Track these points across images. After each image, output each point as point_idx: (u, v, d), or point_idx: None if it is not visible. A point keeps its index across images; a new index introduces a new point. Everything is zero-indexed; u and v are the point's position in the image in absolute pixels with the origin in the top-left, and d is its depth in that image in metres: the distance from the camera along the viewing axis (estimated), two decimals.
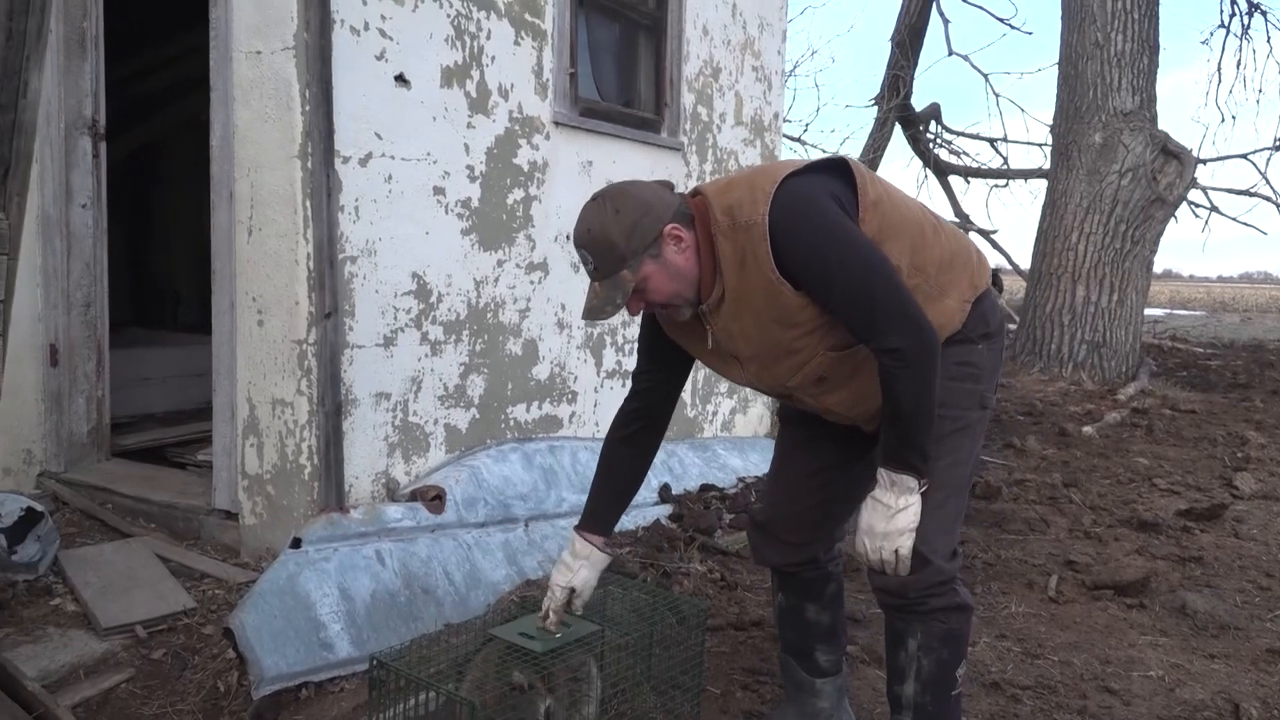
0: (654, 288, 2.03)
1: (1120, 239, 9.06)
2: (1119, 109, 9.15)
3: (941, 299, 2.12)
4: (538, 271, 4.23)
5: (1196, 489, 5.32)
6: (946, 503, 2.11)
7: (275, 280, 3.31)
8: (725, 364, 2.23)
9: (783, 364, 2.11)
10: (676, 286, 2.04)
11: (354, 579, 3.00)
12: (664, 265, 2.01)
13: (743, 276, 2.01)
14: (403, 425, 3.62)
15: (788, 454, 2.47)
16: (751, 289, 2.01)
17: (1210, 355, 12.07)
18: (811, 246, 1.95)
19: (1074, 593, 3.74)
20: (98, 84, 3.97)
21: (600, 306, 2.03)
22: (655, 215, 2.00)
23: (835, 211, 1.97)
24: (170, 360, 5.24)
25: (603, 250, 1.99)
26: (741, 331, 2.09)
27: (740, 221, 1.99)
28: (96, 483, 3.86)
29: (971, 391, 2.17)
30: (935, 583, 2.07)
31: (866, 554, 2.06)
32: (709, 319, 2.11)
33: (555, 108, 4.26)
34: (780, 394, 2.25)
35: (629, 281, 2.00)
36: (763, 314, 2.03)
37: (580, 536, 2.34)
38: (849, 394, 2.14)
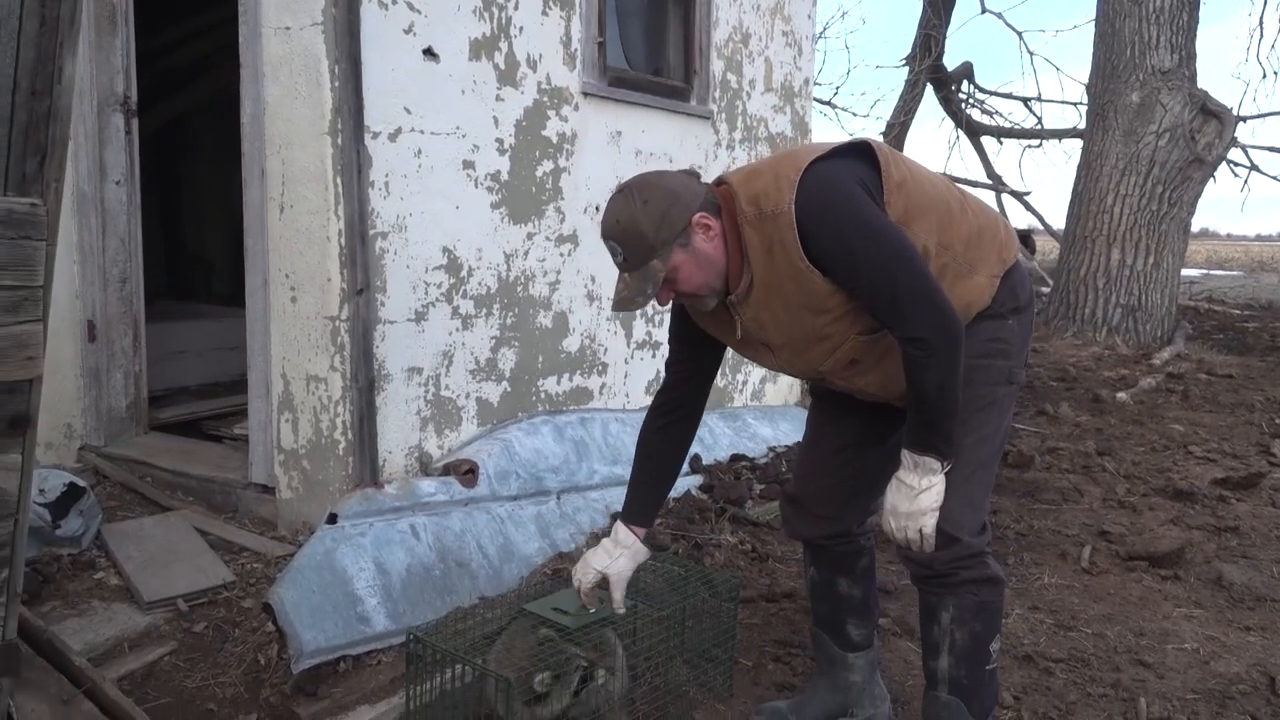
0: (683, 277, 2.03)
1: (1157, 201, 8.89)
2: (1157, 67, 8.95)
3: (971, 276, 2.11)
4: (567, 244, 4.22)
5: (1233, 456, 5.26)
6: (973, 478, 2.11)
7: (307, 257, 3.33)
8: (756, 351, 2.23)
9: (814, 350, 2.11)
10: (705, 276, 2.04)
11: (389, 553, 3.04)
12: (693, 254, 2.01)
13: (771, 265, 2.01)
14: (435, 400, 3.65)
15: (820, 427, 2.48)
16: (780, 277, 2.01)
17: (1248, 317, 11.88)
18: (837, 234, 1.94)
19: (1108, 564, 3.72)
20: (129, 60, 3.99)
21: (630, 297, 2.03)
22: (684, 204, 1.99)
23: (861, 197, 1.96)
24: (205, 333, 5.30)
25: (632, 241, 1.99)
26: (771, 320, 2.09)
27: (766, 210, 1.98)
28: (136, 456, 3.93)
29: (1001, 368, 2.16)
30: (963, 556, 2.08)
31: (892, 533, 2.09)
32: (737, 309, 2.11)
33: (584, 78, 4.23)
34: (812, 378, 2.25)
35: (659, 271, 2.00)
36: (792, 301, 2.03)
37: (625, 527, 2.37)
38: (881, 375, 2.14)
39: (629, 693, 2.47)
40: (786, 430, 5.32)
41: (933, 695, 2.18)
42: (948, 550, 2.06)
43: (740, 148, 5.32)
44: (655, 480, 2.41)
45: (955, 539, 2.05)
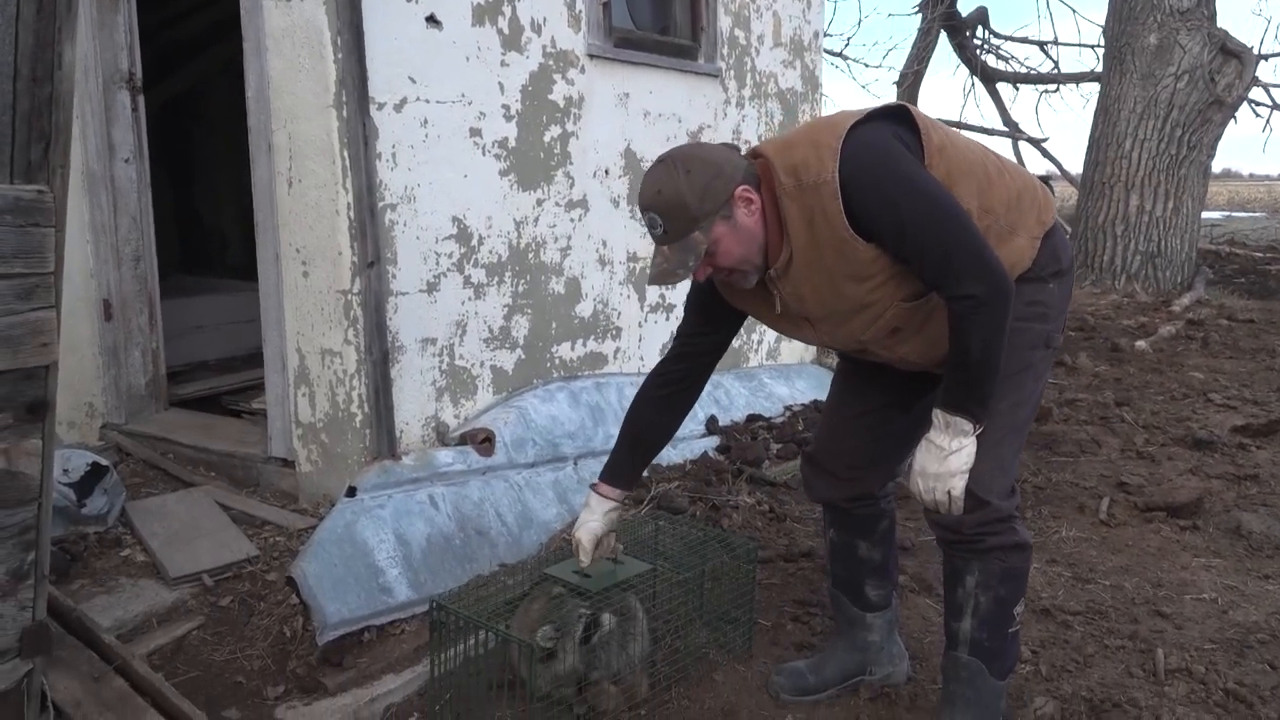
0: (724, 250, 1.99)
1: (1176, 144, 8.77)
2: (1175, 7, 8.78)
3: (1012, 238, 2.09)
4: (578, 209, 4.21)
5: (1254, 403, 5.23)
6: (1004, 441, 2.11)
7: (317, 231, 3.33)
8: (795, 326, 2.21)
9: (856, 320, 2.09)
10: (746, 250, 2.01)
11: (409, 524, 3.07)
12: (735, 228, 1.98)
13: (812, 237, 1.98)
14: (449, 369, 3.67)
15: (845, 390, 2.46)
16: (822, 249, 1.98)
17: (1270, 260, 11.73)
18: (884, 196, 1.91)
19: (1126, 515, 3.72)
20: (132, 36, 3.97)
21: (671, 270, 1.99)
22: (726, 177, 1.96)
23: (905, 156, 1.94)
24: (220, 307, 5.33)
25: (674, 212, 1.95)
26: (812, 293, 2.06)
27: (807, 181, 1.95)
28: (157, 433, 3.97)
29: (1039, 332, 2.14)
30: (992, 520, 2.08)
31: (920, 494, 2.08)
32: (776, 283, 2.08)
33: (589, 40, 4.18)
34: (854, 349, 2.24)
35: (701, 244, 1.96)
36: (835, 273, 2.00)
37: (593, 491, 2.40)
38: (923, 341, 2.12)
39: (649, 655, 2.51)
40: (803, 389, 5.32)
41: (953, 655, 2.20)
42: (976, 513, 2.06)
43: (750, 105, 5.27)
44: (642, 449, 2.42)
45: (985, 502, 2.05)
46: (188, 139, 7.51)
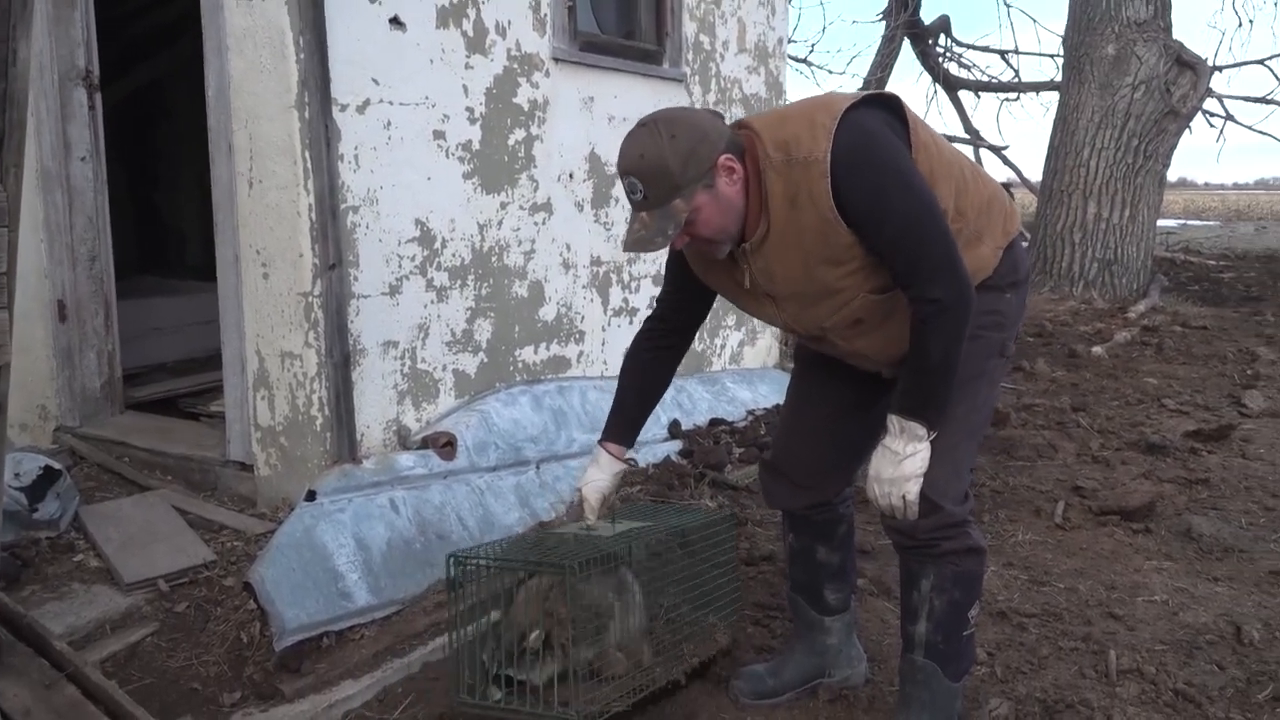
0: (704, 220, 1.95)
1: (1133, 154, 8.92)
2: (1132, 19, 8.94)
3: (979, 244, 2.10)
4: (541, 212, 4.20)
5: (1205, 408, 5.33)
6: (959, 447, 2.13)
7: (278, 233, 3.30)
8: (759, 304, 2.18)
9: (823, 304, 2.06)
10: (725, 220, 1.98)
11: (369, 528, 3.05)
12: (716, 197, 1.94)
13: (793, 215, 1.95)
14: (411, 373, 3.65)
15: (801, 397, 2.46)
16: (801, 227, 1.95)
17: (1223, 267, 11.98)
18: (873, 185, 1.90)
19: (1081, 519, 3.78)
20: (89, 32, 3.92)
21: (649, 238, 1.95)
22: (711, 143, 1.92)
23: (899, 148, 1.94)
24: (179, 309, 5.26)
25: (656, 177, 1.90)
26: (784, 271, 2.03)
27: (797, 157, 1.92)
28: (112, 436, 3.92)
29: (995, 340, 2.17)
30: (946, 525, 2.10)
31: (875, 499, 2.09)
32: (748, 258, 2.05)
33: (554, 43, 4.19)
34: (813, 334, 2.21)
35: (681, 212, 1.92)
36: (811, 253, 1.98)
37: (601, 448, 2.40)
38: (881, 338, 2.12)
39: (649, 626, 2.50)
40: (765, 393, 5.35)
41: (909, 658, 2.22)
42: (931, 518, 2.08)
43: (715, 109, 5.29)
44: (640, 400, 2.43)
45: (939, 507, 2.07)
46: (148, 136, 7.40)
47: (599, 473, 2.40)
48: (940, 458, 2.07)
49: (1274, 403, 5.38)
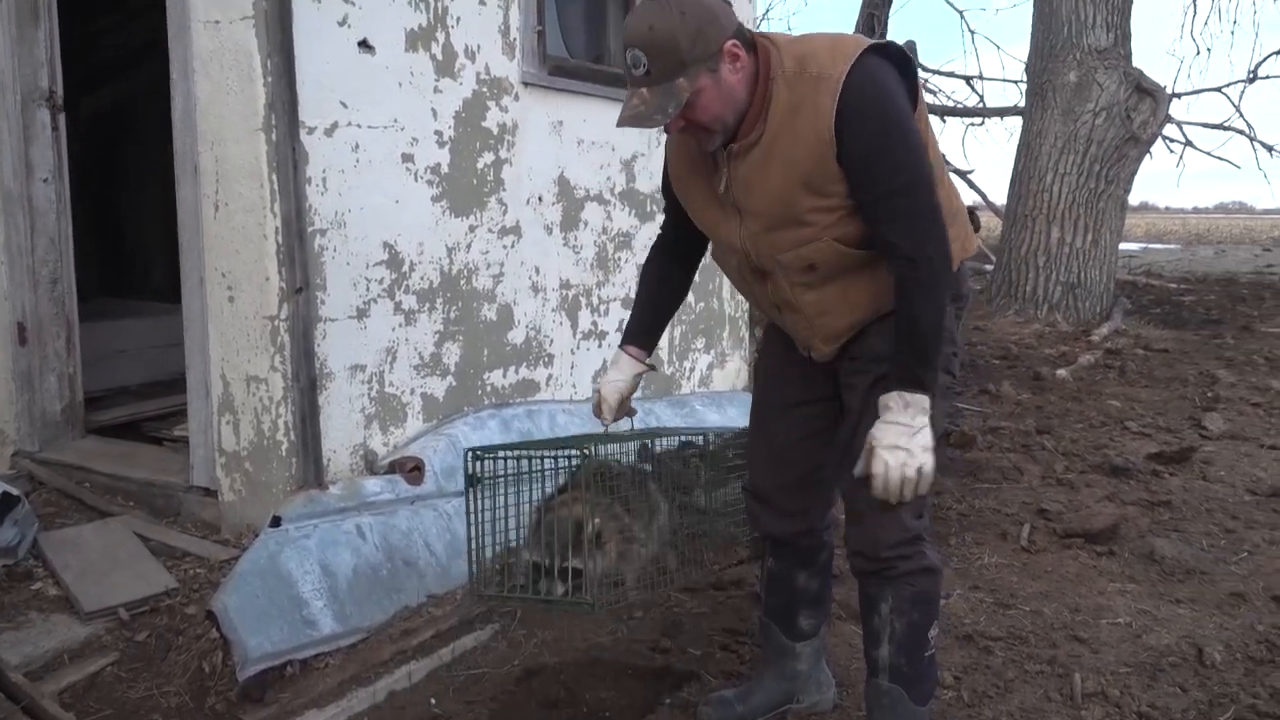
0: (703, 104, 1.92)
1: (1095, 179, 9.06)
2: (1093, 46, 9.10)
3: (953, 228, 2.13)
4: (510, 235, 4.20)
5: (1167, 430, 5.41)
6: None
7: (244, 256, 3.28)
8: (724, 218, 2.13)
9: (786, 233, 2.04)
10: (723, 109, 1.95)
11: (335, 555, 3.02)
12: (718, 83, 1.92)
13: (790, 126, 1.94)
14: (379, 397, 3.62)
15: (767, 422, 2.45)
16: (795, 139, 1.94)
17: (1184, 290, 12.17)
18: (879, 132, 1.91)
19: (1046, 541, 3.82)
20: (53, 52, 3.88)
21: (648, 114, 1.91)
22: (720, 27, 1.91)
23: (908, 109, 1.96)
24: (143, 331, 5.20)
25: (663, 52, 1.87)
26: (762, 183, 2.01)
27: (811, 72, 1.93)
28: (73, 461, 3.85)
29: (944, 354, 2.18)
30: (904, 541, 2.12)
31: (887, 472, 1.98)
32: (732, 161, 2.03)
33: (524, 67, 4.20)
34: (762, 268, 2.15)
35: (684, 91, 1.89)
36: (794, 169, 1.96)
37: (621, 350, 2.46)
38: (825, 298, 2.11)
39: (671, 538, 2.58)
40: (734, 416, 5.35)
41: (874, 683, 2.23)
42: (890, 531, 2.11)
43: None
44: (656, 306, 2.49)
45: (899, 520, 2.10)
46: (113, 156, 7.33)
47: (618, 373, 2.44)
48: None
49: (1233, 425, 5.47)
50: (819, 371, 2.30)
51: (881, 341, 2.12)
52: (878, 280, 2.07)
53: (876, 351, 2.14)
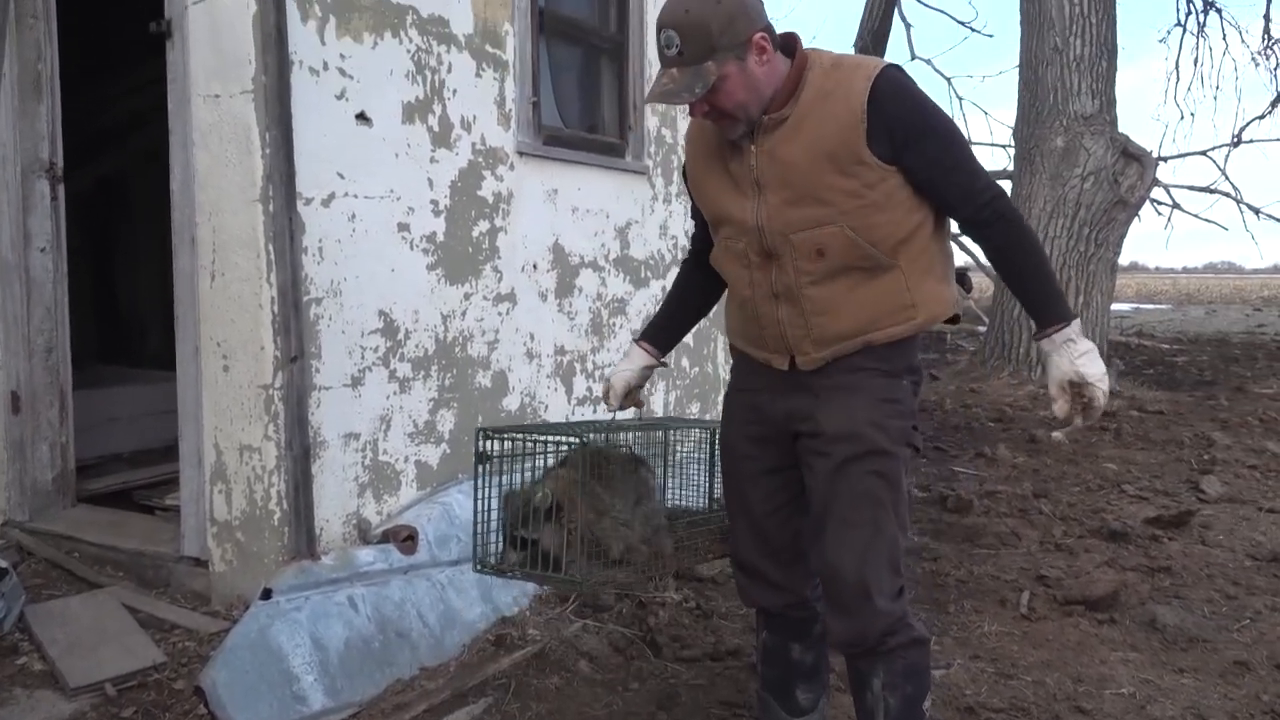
0: (728, 90, 2.02)
1: (1085, 242, 9.15)
2: (1079, 113, 9.25)
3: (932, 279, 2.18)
4: (505, 302, 4.22)
5: (1164, 494, 5.39)
6: (895, 541, 2.15)
7: (240, 325, 3.28)
8: (741, 198, 2.17)
9: (804, 210, 2.09)
10: (747, 97, 2.05)
11: (326, 627, 2.97)
12: (744, 71, 2.02)
13: (823, 107, 2.05)
14: (373, 465, 3.61)
15: (745, 491, 2.40)
16: (825, 117, 2.04)
17: (1176, 351, 12.24)
18: (918, 112, 2.06)
19: (1046, 609, 3.78)
20: (54, 126, 3.93)
21: (676, 91, 2.01)
22: (750, 19, 2.02)
23: None
24: (137, 398, 5.18)
25: (696, 34, 1.98)
26: (788, 155, 2.08)
27: (847, 65, 2.07)
28: (62, 531, 3.81)
29: (901, 428, 2.18)
30: (892, 622, 2.12)
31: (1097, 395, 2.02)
32: (761, 135, 2.10)
33: (519, 137, 4.26)
34: (771, 250, 2.15)
35: (711, 74, 1.99)
36: (821, 143, 2.04)
37: (635, 344, 2.56)
38: (828, 295, 2.12)
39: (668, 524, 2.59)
40: None
41: None
42: (879, 622, 2.10)
43: (676, 201, 5.38)
44: (681, 309, 2.59)
45: (886, 610, 2.10)
46: (110, 223, 7.38)
47: (629, 364, 2.54)
48: (880, 556, 2.11)
49: (1231, 488, 5.46)
50: (781, 437, 2.28)
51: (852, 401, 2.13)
52: (880, 292, 2.11)
53: (838, 428, 2.13)
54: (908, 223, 2.10)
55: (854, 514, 2.12)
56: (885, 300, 2.11)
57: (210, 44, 3.24)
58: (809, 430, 2.19)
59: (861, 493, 2.12)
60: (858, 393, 2.15)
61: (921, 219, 2.12)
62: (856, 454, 2.12)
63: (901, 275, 2.11)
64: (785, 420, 2.24)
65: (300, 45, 3.26)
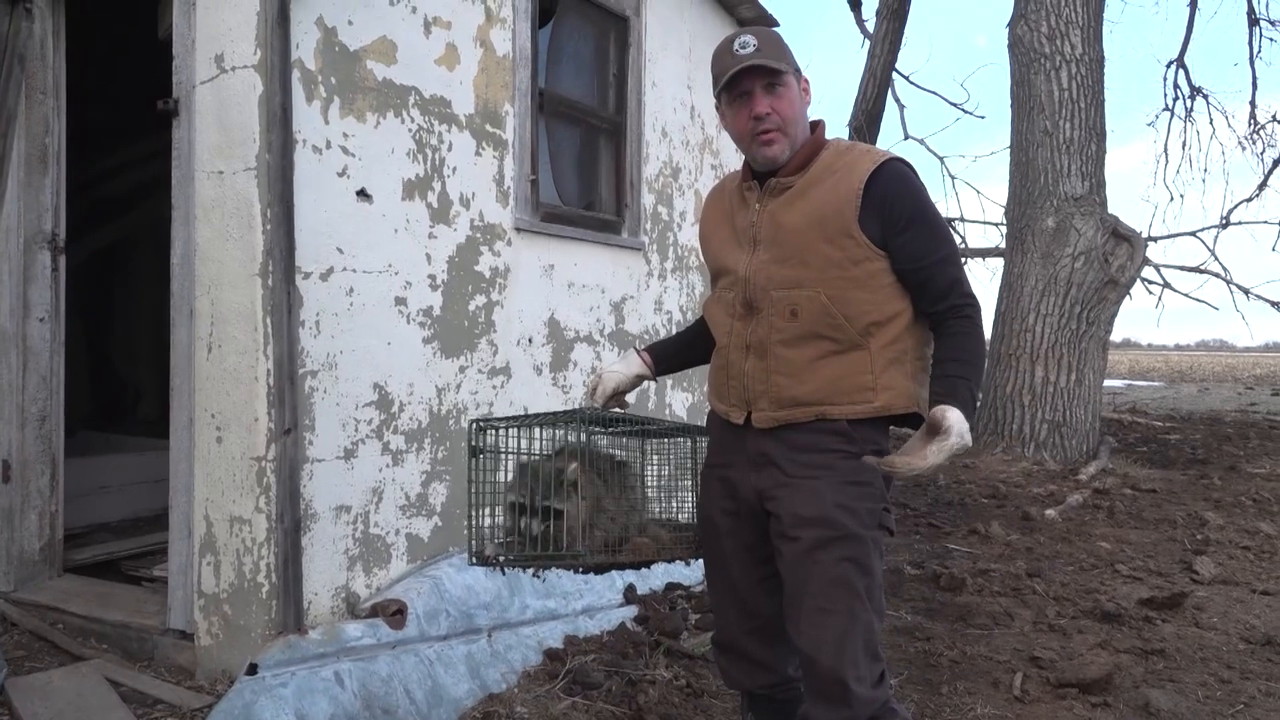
0: (788, 99, 2.21)
1: (1076, 320, 9.25)
2: (1070, 194, 9.42)
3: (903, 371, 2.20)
4: (500, 376, 4.25)
5: (1158, 574, 5.36)
6: (871, 628, 2.15)
7: (234, 397, 3.30)
8: (739, 250, 2.31)
9: (787, 269, 2.20)
10: (795, 113, 2.23)
11: (312, 703, 2.94)
12: (799, 92, 2.25)
13: (826, 181, 2.19)
14: (363, 537, 3.60)
15: (727, 566, 2.42)
16: (827, 189, 2.18)
17: (1169, 429, 12.26)
18: (912, 196, 2.17)
19: (1039, 691, 3.73)
20: (58, 198, 3.99)
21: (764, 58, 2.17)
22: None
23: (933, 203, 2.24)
24: (128, 467, 5.17)
25: (772, 40, 2.22)
26: (787, 220, 2.22)
27: (858, 149, 2.23)
28: (47, 602, 3.78)
29: (871, 510, 2.20)
30: (874, 710, 2.12)
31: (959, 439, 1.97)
32: (768, 195, 2.26)
33: (517, 214, 4.33)
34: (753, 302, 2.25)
35: (785, 69, 2.19)
36: (817, 211, 2.17)
37: (634, 351, 2.64)
38: (793, 357, 2.19)
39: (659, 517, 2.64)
40: None
41: None
42: (857, 709, 2.09)
43: (672, 277, 5.45)
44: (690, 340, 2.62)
45: (859, 695, 2.09)
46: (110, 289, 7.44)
47: (623, 365, 2.60)
48: (854, 643, 2.10)
49: (1224, 569, 5.43)
50: (755, 514, 2.30)
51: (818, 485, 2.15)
52: (844, 369, 2.16)
53: (804, 512, 2.15)
54: (886, 309, 2.15)
55: (827, 602, 2.12)
56: (847, 378, 2.16)
57: (216, 122, 3.32)
58: (776, 512, 2.22)
59: (833, 579, 2.12)
60: (824, 475, 2.17)
61: (901, 309, 2.18)
62: (825, 539, 2.13)
63: (868, 357, 2.15)
64: (757, 499, 2.28)
65: (304, 124, 3.34)
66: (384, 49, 3.66)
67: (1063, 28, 9.51)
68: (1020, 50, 9.79)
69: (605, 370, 2.59)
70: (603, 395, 2.56)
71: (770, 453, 2.23)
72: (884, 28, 12.00)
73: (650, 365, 2.61)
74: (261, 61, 3.22)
